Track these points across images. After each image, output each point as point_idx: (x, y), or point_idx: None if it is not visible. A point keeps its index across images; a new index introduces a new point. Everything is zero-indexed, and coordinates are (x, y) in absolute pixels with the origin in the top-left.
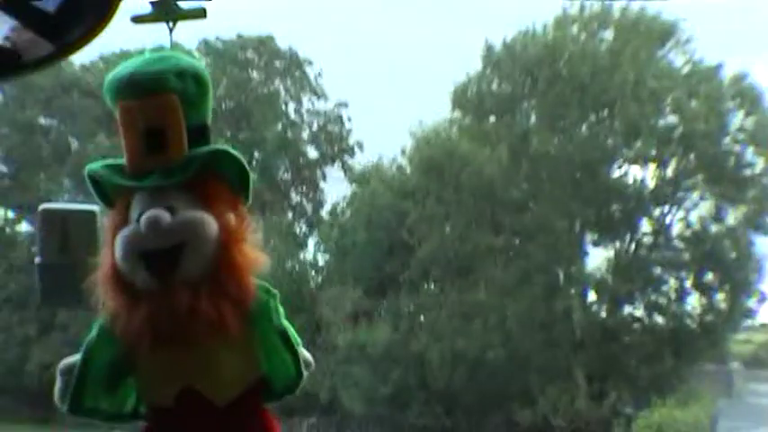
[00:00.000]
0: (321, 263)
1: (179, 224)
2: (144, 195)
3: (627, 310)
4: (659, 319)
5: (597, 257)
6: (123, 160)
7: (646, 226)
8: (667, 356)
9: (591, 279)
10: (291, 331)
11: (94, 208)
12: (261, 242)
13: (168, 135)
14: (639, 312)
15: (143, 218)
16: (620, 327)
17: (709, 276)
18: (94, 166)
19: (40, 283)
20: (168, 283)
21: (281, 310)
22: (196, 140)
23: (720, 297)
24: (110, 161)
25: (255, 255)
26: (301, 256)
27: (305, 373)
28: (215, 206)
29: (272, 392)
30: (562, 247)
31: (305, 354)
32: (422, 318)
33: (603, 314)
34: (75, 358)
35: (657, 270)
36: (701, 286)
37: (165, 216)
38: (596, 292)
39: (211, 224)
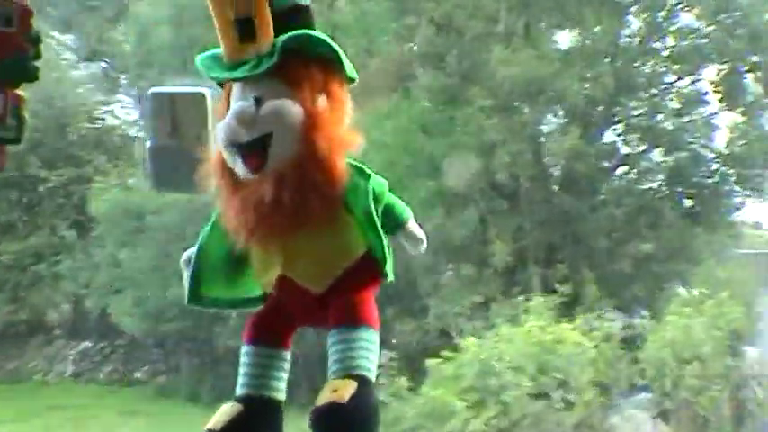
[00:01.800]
0: None
1: (263, 115)
2: (238, 85)
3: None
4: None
5: None
6: None
7: None
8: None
9: None
10: (391, 208)
11: (204, 90)
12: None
13: (256, 22)
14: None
15: (230, 110)
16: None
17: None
18: (203, 55)
19: (152, 167)
20: (262, 171)
21: (377, 188)
22: (292, 23)
23: None
24: (217, 50)
25: (345, 136)
26: None
27: (388, 257)
28: (300, 91)
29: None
30: None
31: (412, 229)
32: None
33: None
34: (193, 249)
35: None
36: None
37: (250, 108)
38: None
39: (294, 111)
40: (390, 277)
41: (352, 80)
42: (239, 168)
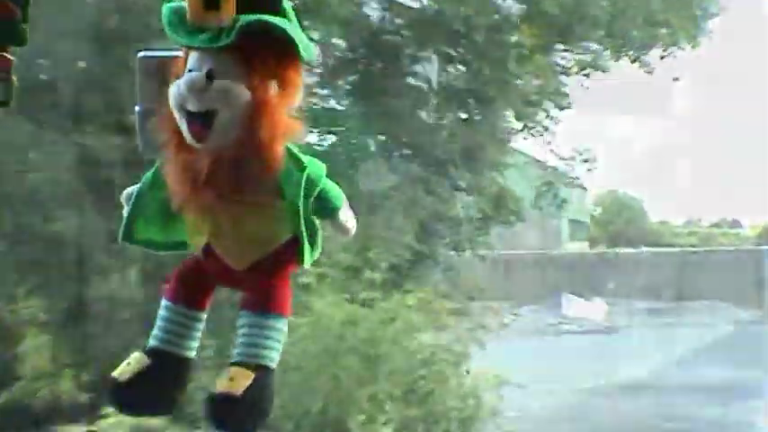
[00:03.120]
0: None
1: (212, 91)
2: (195, 53)
3: None
4: None
5: None
6: None
7: None
8: None
9: None
10: (324, 194)
11: None
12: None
13: None
14: None
15: (182, 78)
16: None
17: None
18: (170, 5)
19: (140, 130)
20: (204, 143)
21: (313, 174)
22: (263, 4)
23: None
24: (183, 5)
25: (288, 123)
26: None
27: (315, 246)
28: (253, 74)
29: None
30: None
31: (341, 218)
32: None
33: None
34: (135, 187)
35: None
36: None
37: (201, 80)
38: None
39: (242, 95)
40: (307, 264)
41: (309, 62)
42: (184, 132)
